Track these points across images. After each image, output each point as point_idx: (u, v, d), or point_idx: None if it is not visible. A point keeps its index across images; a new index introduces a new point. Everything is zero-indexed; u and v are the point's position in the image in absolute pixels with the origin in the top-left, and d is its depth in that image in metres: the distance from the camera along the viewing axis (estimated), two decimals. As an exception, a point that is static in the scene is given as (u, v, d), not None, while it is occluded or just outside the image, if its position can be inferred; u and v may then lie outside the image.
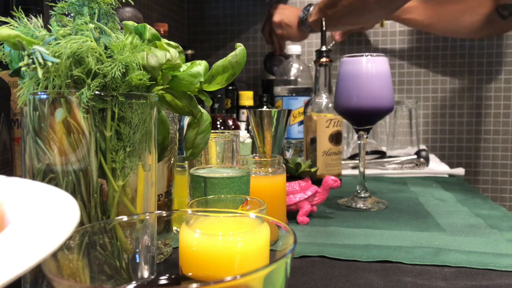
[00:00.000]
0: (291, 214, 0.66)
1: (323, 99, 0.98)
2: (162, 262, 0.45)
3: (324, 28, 0.99)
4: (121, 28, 0.40)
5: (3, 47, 0.35)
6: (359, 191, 0.78)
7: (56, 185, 0.34)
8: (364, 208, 0.75)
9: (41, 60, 0.31)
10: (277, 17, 1.39)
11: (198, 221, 0.33)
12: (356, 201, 0.77)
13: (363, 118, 0.76)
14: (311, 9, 1.30)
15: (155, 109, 0.38)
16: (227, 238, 0.31)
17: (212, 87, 0.45)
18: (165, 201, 0.53)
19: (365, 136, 0.78)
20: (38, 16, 0.37)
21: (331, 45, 1.67)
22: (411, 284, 0.43)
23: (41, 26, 0.36)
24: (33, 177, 0.35)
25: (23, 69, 0.32)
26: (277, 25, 1.40)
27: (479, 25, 1.34)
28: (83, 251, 0.28)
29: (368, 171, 1.08)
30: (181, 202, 0.62)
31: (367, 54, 0.74)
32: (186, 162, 0.61)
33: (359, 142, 0.78)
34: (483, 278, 0.44)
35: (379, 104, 0.73)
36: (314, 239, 0.57)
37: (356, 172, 1.09)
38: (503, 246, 0.54)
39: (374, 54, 0.74)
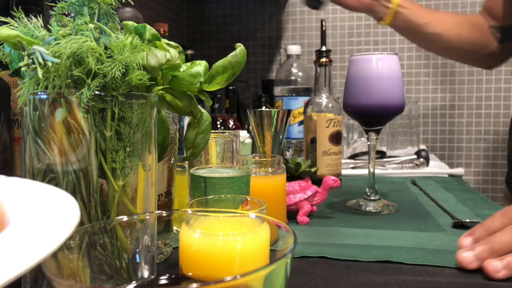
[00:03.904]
0: (291, 214, 0.66)
1: (323, 99, 0.98)
2: (162, 262, 0.45)
3: (324, 28, 0.99)
4: (121, 28, 0.40)
5: (3, 47, 0.35)
6: (368, 193, 0.75)
7: (56, 185, 0.34)
8: (374, 211, 0.72)
9: (41, 60, 0.31)
10: None
11: (198, 221, 0.33)
12: (366, 204, 0.74)
13: (373, 118, 0.73)
14: None
15: (155, 109, 0.38)
16: (227, 238, 0.31)
17: (212, 87, 0.45)
18: (165, 201, 0.53)
19: (375, 137, 0.75)
20: (38, 16, 0.37)
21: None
22: (411, 282, 0.43)
23: (41, 26, 0.36)
24: (33, 177, 0.35)
25: (23, 69, 0.32)
26: None
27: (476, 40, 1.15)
28: (83, 251, 0.28)
29: (368, 171, 1.08)
30: (181, 202, 0.62)
31: (377, 52, 0.72)
32: (186, 162, 0.61)
33: (368, 143, 0.75)
34: (484, 276, 0.44)
35: (390, 103, 0.71)
36: (314, 239, 0.57)
37: (356, 172, 1.09)
38: (503, 246, 0.53)
39: (385, 52, 0.72)
